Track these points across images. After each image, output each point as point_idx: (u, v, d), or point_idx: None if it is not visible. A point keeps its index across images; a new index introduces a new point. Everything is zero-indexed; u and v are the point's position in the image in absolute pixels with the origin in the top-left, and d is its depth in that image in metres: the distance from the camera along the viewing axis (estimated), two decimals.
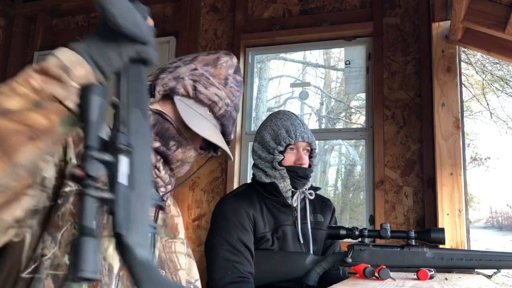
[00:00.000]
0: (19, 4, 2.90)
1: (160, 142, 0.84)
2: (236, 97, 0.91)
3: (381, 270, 1.15)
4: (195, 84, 0.85)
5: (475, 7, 1.65)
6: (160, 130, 0.84)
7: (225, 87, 0.89)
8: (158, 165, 0.84)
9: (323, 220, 1.49)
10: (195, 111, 0.85)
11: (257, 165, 1.44)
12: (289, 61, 3.96)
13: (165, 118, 0.85)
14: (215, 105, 0.86)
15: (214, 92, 0.86)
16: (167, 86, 0.85)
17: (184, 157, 0.87)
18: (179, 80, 0.85)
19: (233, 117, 0.91)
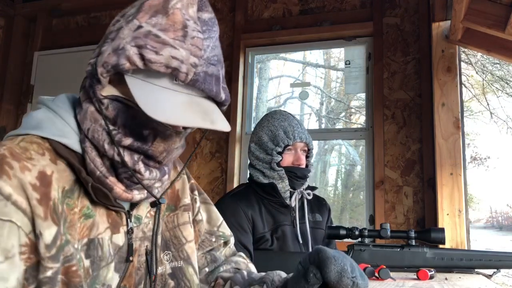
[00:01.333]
0: (19, 4, 2.90)
1: (130, 136, 0.66)
2: (205, 48, 0.66)
3: (381, 270, 1.15)
4: (141, 51, 0.63)
5: (475, 7, 1.65)
6: (125, 121, 0.66)
7: (185, 40, 0.64)
8: (139, 168, 0.68)
9: (321, 219, 1.49)
10: (156, 86, 0.64)
11: (254, 166, 1.44)
12: (289, 61, 3.97)
13: (125, 103, 0.66)
14: (178, 71, 0.63)
15: (169, 55, 0.63)
16: (108, 64, 0.64)
17: (168, 145, 0.68)
18: (119, 52, 0.63)
19: (212, 74, 0.67)
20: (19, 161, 0.60)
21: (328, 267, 0.59)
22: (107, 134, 0.66)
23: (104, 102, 0.66)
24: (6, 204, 0.57)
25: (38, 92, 2.78)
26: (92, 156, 0.66)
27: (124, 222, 0.72)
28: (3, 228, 0.57)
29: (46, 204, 0.61)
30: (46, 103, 0.71)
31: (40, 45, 2.85)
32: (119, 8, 2.73)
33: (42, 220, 0.59)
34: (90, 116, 0.67)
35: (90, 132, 0.66)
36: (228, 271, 0.85)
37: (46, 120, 0.68)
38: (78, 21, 2.90)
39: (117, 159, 0.66)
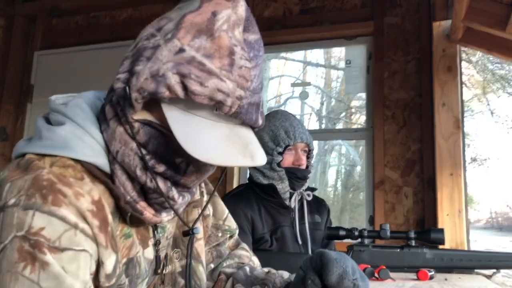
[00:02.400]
0: (19, 4, 2.90)
1: (163, 164, 0.61)
2: (252, 79, 0.60)
3: (381, 270, 1.15)
4: (184, 80, 0.56)
5: (475, 6, 1.64)
6: (157, 148, 0.61)
7: (231, 70, 0.58)
8: (172, 195, 0.64)
9: (320, 220, 1.49)
10: (194, 116, 0.59)
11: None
12: (289, 60, 3.96)
13: (158, 129, 0.61)
14: (222, 105, 0.58)
15: (215, 88, 0.57)
16: (145, 91, 0.58)
17: (200, 174, 0.65)
18: (159, 80, 0.57)
19: (254, 103, 0.61)
20: (70, 187, 0.56)
21: (329, 270, 0.59)
22: (139, 159, 0.61)
23: (135, 125, 0.60)
24: (75, 233, 0.54)
25: (38, 92, 2.78)
26: (123, 180, 0.62)
27: (151, 235, 0.70)
28: (79, 259, 0.54)
29: (106, 231, 0.58)
30: (67, 114, 0.63)
31: (40, 45, 2.85)
32: (119, 8, 2.71)
33: (104, 248, 0.57)
34: (119, 138, 0.61)
35: (119, 155, 0.61)
36: (231, 266, 0.85)
37: (74, 138, 0.61)
38: (78, 21, 2.90)
39: (150, 185, 0.62)
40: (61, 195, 0.54)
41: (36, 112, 2.76)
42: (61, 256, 0.52)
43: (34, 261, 0.51)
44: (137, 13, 2.74)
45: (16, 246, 0.51)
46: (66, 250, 0.53)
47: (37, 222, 0.52)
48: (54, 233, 0.52)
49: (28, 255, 0.51)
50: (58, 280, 0.52)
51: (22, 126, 2.79)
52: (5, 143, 2.79)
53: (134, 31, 0.75)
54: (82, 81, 2.66)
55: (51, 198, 0.53)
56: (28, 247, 0.51)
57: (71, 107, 0.65)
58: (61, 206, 0.53)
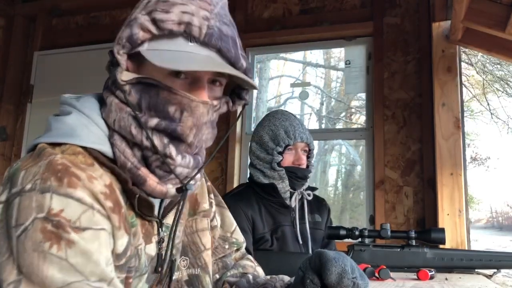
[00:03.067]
0: (19, 4, 2.90)
1: (157, 116, 0.62)
2: (214, 4, 0.65)
3: (381, 270, 1.15)
4: (151, 15, 0.62)
5: (475, 7, 1.65)
6: (149, 102, 0.62)
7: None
8: (169, 152, 0.63)
9: (320, 220, 1.49)
10: (172, 51, 0.62)
11: (255, 166, 1.44)
12: (289, 61, 3.96)
13: (146, 82, 0.63)
14: (191, 26, 0.61)
15: (179, 11, 0.62)
16: (123, 38, 0.62)
17: (195, 119, 0.63)
18: (131, 24, 0.62)
19: (225, 33, 0.64)
20: (83, 170, 0.57)
21: (328, 269, 0.59)
22: (133, 119, 0.62)
23: (125, 88, 0.63)
24: (93, 213, 0.56)
25: (38, 92, 2.78)
26: (122, 147, 0.63)
27: (155, 232, 0.69)
28: (100, 237, 0.56)
29: (119, 212, 0.59)
30: (75, 105, 0.66)
31: (40, 45, 2.85)
32: (119, 8, 2.72)
33: (117, 229, 0.58)
34: (114, 108, 0.64)
35: (116, 122, 0.63)
36: (235, 276, 0.85)
37: (80, 126, 0.63)
38: (78, 21, 2.90)
39: (146, 143, 0.62)
40: (75, 178, 0.56)
41: (36, 112, 2.76)
42: (83, 235, 0.54)
43: (59, 240, 0.52)
44: None
45: (39, 227, 0.52)
46: (86, 230, 0.54)
47: (55, 204, 0.53)
48: (73, 214, 0.54)
49: (52, 234, 0.52)
50: (86, 256, 0.53)
51: (22, 126, 2.79)
52: (5, 143, 2.79)
53: None
54: (82, 81, 2.66)
55: (66, 181, 0.55)
56: (51, 227, 0.52)
57: (80, 100, 0.67)
58: (77, 188, 0.55)
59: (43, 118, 2.50)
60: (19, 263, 0.52)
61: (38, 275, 0.51)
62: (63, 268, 0.52)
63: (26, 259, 0.52)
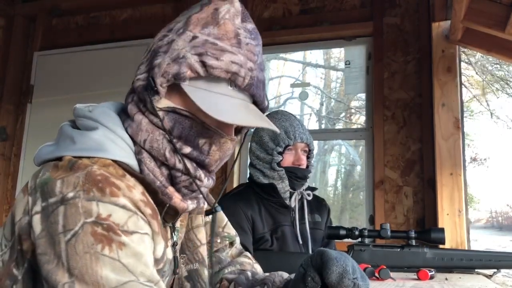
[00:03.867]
0: (19, 4, 2.90)
1: (189, 146, 0.66)
2: (257, 53, 0.70)
3: (381, 270, 1.15)
4: (202, 58, 0.64)
5: (475, 7, 1.65)
6: (182, 131, 0.66)
7: (240, 47, 0.67)
8: (199, 174, 0.68)
9: (320, 220, 1.49)
10: (214, 93, 0.66)
11: (255, 166, 1.44)
12: (289, 61, 3.96)
13: (181, 114, 0.66)
14: (237, 76, 0.66)
15: (230, 60, 0.65)
16: (169, 74, 0.64)
17: (222, 153, 0.70)
18: (180, 61, 0.64)
19: (261, 80, 0.70)
20: (121, 180, 0.60)
21: (329, 268, 0.60)
22: (168, 143, 0.66)
23: (159, 114, 0.66)
24: (138, 218, 0.58)
25: (38, 92, 2.78)
26: (151, 166, 0.66)
27: (169, 236, 0.72)
28: (145, 241, 0.58)
29: (157, 219, 0.62)
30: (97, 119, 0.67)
31: (40, 45, 2.85)
32: (119, 8, 2.72)
33: (156, 234, 0.61)
34: (145, 128, 0.66)
35: (147, 143, 0.66)
36: (233, 273, 0.86)
37: (107, 141, 0.65)
38: (78, 21, 2.90)
39: (179, 166, 0.66)
40: (115, 187, 0.58)
41: (36, 112, 2.76)
42: (132, 238, 0.57)
43: (110, 242, 0.55)
44: (137, 13, 2.74)
45: (89, 231, 0.54)
46: (134, 233, 0.57)
47: (103, 210, 0.56)
48: (120, 219, 0.56)
49: (103, 237, 0.54)
50: (137, 257, 0.56)
51: (22, 126, 2.79)
52: (5, 143, 2.79)
53: (134, 31, 0.79)
54: (82, 81, 2.66)
55: (108, 191, 0.57)
56: (101, 230, 0.55)
57: (100, 113, 0.68)
58: (119, 196, 0.58)
59: (43, 118, 2.51)
60: (70, 266, 0.53)
61: (92, 275, 0.52)
62: (115, 268, 0.53)
63: (78, 261, 0.53)
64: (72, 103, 0.74)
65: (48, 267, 0.54)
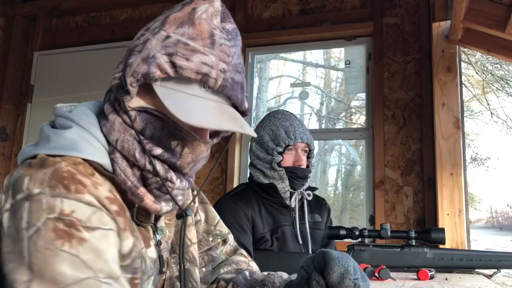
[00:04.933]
0: (19, 4, 2.90)
1: (160, 147, 0.65)
2: (232, 55, 0.67)
3: (381, 270, 1.15)
4: (171, 58, 0.63)
5: (475, 7, 1.65)
6: (153, 132, 0.65)
7: (213, 47, 0.65)
8: (170, 176, 0.66)
9: (320, 220, 1.49)
10: (186, 94, 0.64)
11: (255, 165, 1.44)
12: (289, 61, 3.97)
13: (153, 114, 0.65)
14: (208, 77, 0.64)
15: (200, 61, 0.63)
16: (138, 73, 0.64)
17: (195, 156, 0.67)
18: (150, 61, 0.63)
19: (238, 82, 0.67)
20: (88, 178, 0.60)
21: (331, 268, 0.60)
22: (138, 143, 0.65)
23: (131, 114, 0.65)
24: (102, 215, 0.58)
25: (38, 92, 2.78)
26: (123, 166, 0.65)
27: (151, 236, 0.72)
28: (109, 237, 0.58)
29: (124, 215, 0.62)
30: (73, 119, 0.67)
31: (40, 45, 2.85)
32: (119, 8, 2.72)
33: (122, 231, 0.61)
34: (118, 127, 0.66)
35: (119, 142, 0.65)
36: (230, 272, 0.85)
37: (81, 140, 0.65)
38: (78, 21, 2.90)
39: (149, 168, 0.65)
40: (81, 185, 0.58)
41: (36, 112, 2.76)
42: (94, 234, 0.56)
43: (71, 238, 0.54)
44: (137, 13, 2.74)
45: (50, 227, 0.54)
46: (97, 229, 0.57)
47: (66, 206, 0.56)
48: (84, 215, 0.56)
49: (64, 233, 0.54)
50: (96, 253, 0.55)
51: (22, 126, 2.79)
52: (5, 143, 2.79)
53: (134, 31, 0.80)
54: (82, 81, 2.66)
55: (73, 188, 0.57)
56: (63, 226, 0.54)
57: (77, 113, 0.68)
58: (84, 193, 0.58)
59: (43, 118, 2.51)
60: (31, 262, 0.53)
61: (50, 271, 0.52)
62: (74, 264, 0.53)
63: (38, 257, 0.53)
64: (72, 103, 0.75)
65: (11, 265, 0.54)
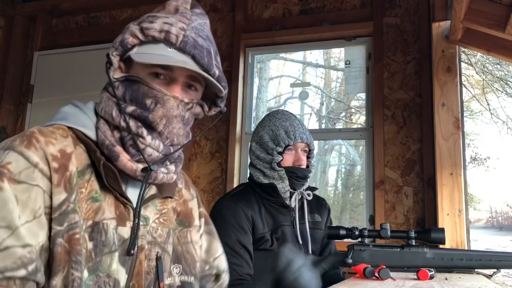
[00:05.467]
0: (19, 4, 2.90)
1: (134, 105, 0.76)
2: (192, 20, 0.79)
3: (381, 270, 1.15)
4: (140, 25, 0.77)
5: (475, 7, 1.65)
6: (131, 94, 0.76)
7: (174, 14, 0.79)
8: (141, 131, 0.74)
9: (320, 220, 1.49)
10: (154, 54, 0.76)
11: (255, 165, 1.44)
12: (289, 61, 3.97)
13: (131, 80, 0.77)
14: (169, 34, 0.75)
15: (162, 22, 0.76)
16: (116, 43, 0.77)
17: (166, 110, 0.75)
18: (124, 31, 0.78)
19: (199, 44, 0.78)
20: (45, 136, 0.70)
21: None
22: (115, 105, 0.76)
23: (115, 84, 0.77)
24: (34, 171, 0.66)
25: (38, 92, 2.78)
26: (104, 129, 0.76)
27: (130, 218, 0.76)
28: (31, 191, 0.66)
29: (62, 174, 0.69)
30: (73, 102, 0.82)
31: (40, 45, 2.85)
32: (119, 8, 2.72)
33: (55, 186, 0.68)
34: (105, 99, 0.78)
35: (103, 110, 0.77)
36: None
37: (71, 113, 0.78)
38: (78, 21, 2.90)
39: (123, 124, 0.74)
40: (35, 140, 0.69)
41: (36, 112, 2.76)
42: (17, 186, 0.65)
43: None
44: (137, 13, 2.74)
45: None
46: (22, 183, 0.65)
47: (8, 158, 0.66)
48: (16, 169, 0.66)
49: None
50: (3, 203, 0.63)
51: (22, 126, 2.79)
52: None
53: None
54: (82, 81, 2.66)
55: (26, 142, 0.68)
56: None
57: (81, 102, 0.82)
58: (30, 149, 0.68)
59: (43, 118, 2.50)
60: None
61: None
62: None
63: None
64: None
65: None
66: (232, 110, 2.38)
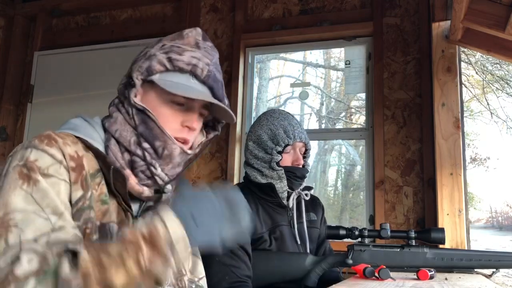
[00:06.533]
0: (19, 4, 2.90)
1: (148, 143, 0.81)
2: (213, 56, 0.88)
3: (381, 270, 1.15)
4: (168, 55, 0.83)
5: (475, 7, 1.65)
6: (144, 131, 0.81)
7: (198, 48, 0.86)
8: (153, 163, 0.81)
9: (316, 218, 1.49)
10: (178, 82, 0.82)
11: (252, 165, 1.42)
12: (289, 61, 3.97)
13: (149, 116, 0.81)
14: (196, 67, 0.83)
15: (190, 55, 0.84)
16: (143, 68, 0.83)
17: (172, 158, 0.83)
18: (151, 58, 0.83)
19: (218, 78, 0.87)
20: (62, 138, 0.76)
21: None
22: (134, 135, 0.81)
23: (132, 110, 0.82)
24: (60, 167, 0.73)
25: (38, 92, 2.78)
26: (115, 150, 0.81)
27: (130, 222, 0.81)
28: (60, 185, 0.72)
29: (79, 172, 0.75)
30: (81, 115, 0.87)
31: (40, 45, 2.85)
32: (119, 8, 2.72)
33: (73, 183, 0.74)
34: (119, 122, 0.83)
35: (118, 132, 0.82)
36: None
37: (80, 125, 0.83)
38: (78, 21, 2.90)
39: (139, 153, 0.80)
40: (53, 140, 0.75)
41: (36, 112, 2.76)
42: (48, 180, 0.71)
43: (29, 179, 0.70)
44: (137, 13, 2.74)
45: (17, 170, 0.71)
46: (51, 177, 0.71)
47: (33, 156, 0.72)
48: (44, 164, 0.72)
49: (25, 176, 0.70)
50: (45, 192, 0.70)
51: (22, 126, 2.79)
52: (5, 143, 2.79)
53: (134, 31, 0.90)
54: (82, 81, 2.66)
55: (46, 141, 0.74)
56: (25, 170, 0.71)
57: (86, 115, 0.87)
58: (52, 147, 0.74)
59: (43, 118, 2.51)
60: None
61: (5, 198, 0.68)
62: (26, 199, 0.68)
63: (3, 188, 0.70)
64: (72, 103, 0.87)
65: None
66: (232, 110, 2.37)
